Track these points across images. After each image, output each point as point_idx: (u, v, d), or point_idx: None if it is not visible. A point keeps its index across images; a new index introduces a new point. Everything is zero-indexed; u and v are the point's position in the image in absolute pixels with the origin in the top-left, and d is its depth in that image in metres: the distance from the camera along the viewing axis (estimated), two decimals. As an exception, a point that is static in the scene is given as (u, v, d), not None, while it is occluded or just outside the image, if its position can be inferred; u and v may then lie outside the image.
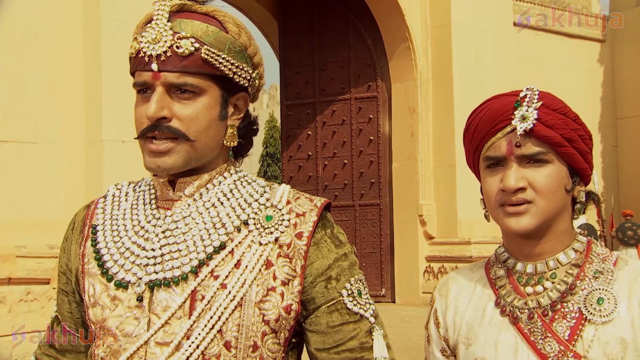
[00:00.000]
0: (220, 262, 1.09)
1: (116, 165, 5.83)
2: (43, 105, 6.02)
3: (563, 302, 1.13)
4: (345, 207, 9.48)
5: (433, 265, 8.95)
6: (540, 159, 1.13)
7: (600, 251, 1.18)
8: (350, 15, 9.51)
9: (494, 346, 1.16)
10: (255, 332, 1.08)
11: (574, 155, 1.14)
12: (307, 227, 1.13)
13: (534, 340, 1.13)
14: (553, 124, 1.12)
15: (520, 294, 1.17)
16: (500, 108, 1.16)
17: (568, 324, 1.12)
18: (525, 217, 1.13)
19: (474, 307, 1.22)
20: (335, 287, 1.13)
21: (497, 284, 1.21)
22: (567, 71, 10.93)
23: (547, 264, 1.16)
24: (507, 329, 1.16)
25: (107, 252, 1.15)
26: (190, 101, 1.10)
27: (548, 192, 1.12)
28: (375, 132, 9.47)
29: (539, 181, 1.12)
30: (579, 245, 1.18)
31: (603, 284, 1.12)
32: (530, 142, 1.12)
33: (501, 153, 1.15)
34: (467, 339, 1.21)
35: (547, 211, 1.13)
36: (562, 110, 1.14)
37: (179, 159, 1.10)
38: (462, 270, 1.32)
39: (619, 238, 10.04)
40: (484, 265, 1.27)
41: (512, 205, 1.13)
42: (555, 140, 1.12)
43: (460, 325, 1.23)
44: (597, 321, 1.10)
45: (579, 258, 1.16)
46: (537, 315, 1.13)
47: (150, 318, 1.08)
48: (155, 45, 1.08)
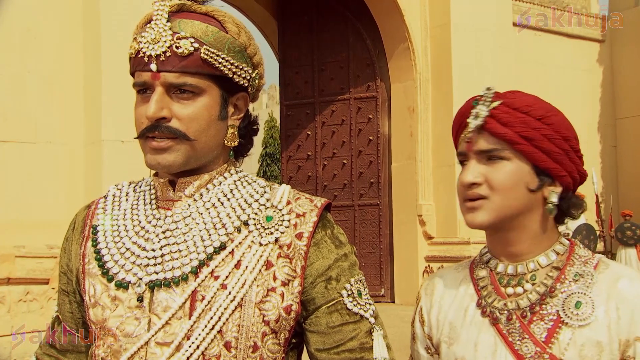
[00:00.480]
0: (221, 262, 1.09)
1: (115, 165, 5.82)
2: (43, 105, 6.02)
3: (542, 304, 1.14)
4: (344, 207, 9.49)
5: (432, 265, 8.95)
6: (495, 156, 1.15)
7: (582, 253, 1.18)
8: (349, 15, 9.51)
9: (473, 346, 1.18)
10: (256, 332, 1.08)
11: (534, 153, 1.14)
12: (307, 227, 1.13)
13: (511, 341, 1.14)
14: (507, 121, 1.14)
15: (501, 295, 1.18)
16: (465, 108, 1.21)
17: (545, 325, 1.13)
18: (480, 212, 1.15)
19: (457, 307, 1.24)
20: (335, 288, 1.13)
21: (480, 285, 1.22)
22: (566, 71, 10.93)
23: (527, 265, 1.18)
24: (487, 330, 1.17)
25: (108, 252, 1.15)
26: (190, 101, 1.10)
27: (503, 189, 1.14)
28: (374, 132, 9.47)
29: (494, 178, 1.14)
30: (560, 247, 1.18)
31: (582, 287, 1.13)
32: (485, 139, 1.15)
33: (463, 150, 1.19)
34: (450, 338, 1.23)
35: (502, 207, 1.14)
36: (523, 109, 1.15)
37: (178, 157, 1.10)
38: (448, 269, 1.34)
39: (618, 238, 10.04)
40: (469, 266, 1.28)
41: (470, 201, 1.16)
42: (508, 137, 1.13)
43: (444, 324, 1.25)
44: (574, 324, 1.11)
45: (560, 260, 1.17)
46: (515, 317, 1.15)
47: (151, 318, 1.08)
48: (155, 46, 1.08)
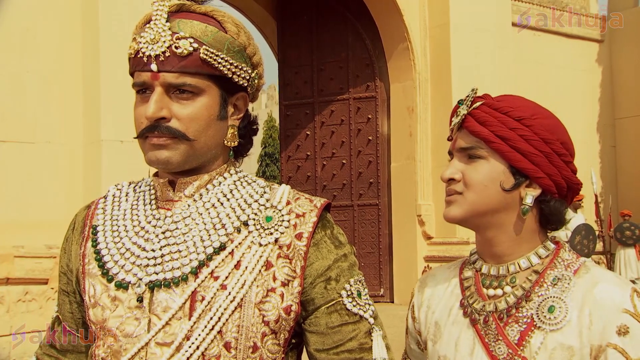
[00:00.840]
0: (220, 263, 1.09)
1: (115, 165, 5.82)
2: (42, 105, 6.02)
3: (518, 307, 1.15)
4: (343, 207, 9.49)
5: (432, 265, 8.95)
6: (473, 154, 1.18)
7: (566, 257, 1.18)
8: (348, 15, 9.51)
9: (454, 345, 1.20)
10: (255, 332, 1.08)
11: (509, 153, 1.16)
12: (306, 227, 1.13)
13: (487, 342, 1.16)
14: (484, 120, 1.17)
15: (482, 297, 1.20)
16: (455, 108, 1.25)
17: (519, 328, 1.14)
18: (453, 207, 1.19)
19: (443, 306, 1.26)
20: (334, 288, 1.13)
21: (465, 285, 1.24)
22: (565, 71, 10.94)
23: (507, 268, 1.19)
24: (468, 330, 1.19)
25: (108, 252, 1.15)
26: (190, 101, 1.10)
27: (475, 186, 1.17)
28: (373, 132, 9.47)
29: (468, 174, 1.18)
30: (543, 251, 1.19)
31: (558, 291, 1.14)
32: (464, 137, 1.19)
33: (450, 148, 1.24)
34: (434, 336, 1.25)
35: (473, 204, 1.17)
36: (503, 110, 1.17)
37: (177, 154, 1.10)
38: (441, 268, 1.36)
39: (617, 238, 10.05)
40: (460, 265, 1.31)
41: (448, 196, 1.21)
42: (482, 135, 1.16)
43: (431, 322, 1.27)
44: (545, 328, 1.12)
45: (542, 264, 1.18)
46: (492, 319, 1.16)
47: (151, 319, 1.08)
48: (154, 46, 1.08)
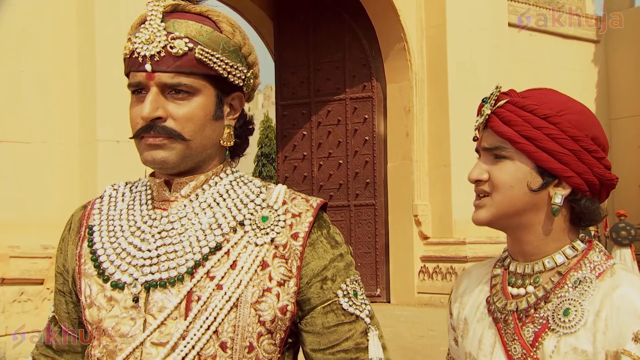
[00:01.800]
0: (216, 263, 1.09)
1: (111, 165, 5.82)
2: (38, 105, 6.00)
3: (537, 308, 1.14)
4: (340, 207, 9.49)
5: (428, 266, 8.96)
6: (498, 154, 1.16)
7: (595, 259, 1.15)
8: (345, 15, 9.52)
9: (478, 342, 1.20)
10: (251, 332, 1.08)
11: (535, 153, 1.13)
12: (303, 227, 1.13)
13: (506, 342, 1.16)
14: (509, 120, 1.14)
15: (506, 295, 1.19)
16: (479, 107, 1.22)
17: (534, 329, 1.13)
18: (482, 209, 1.17)
19: (473, 303, 1.26)
20: (330, 288, 1.13)
21: (493, 283, 1.24)
22: (561, 71, 10.97)
23: (532, 267, 1.17)
24: (491, 327, 1.19)
25: (104, 252, 1.15)
26: (185, 101, 1.10)
27: (502, 187, 1.15)
28: (370, 132, 9.48)
29: (494, 175, 1.16)
30: (570, 251, 1.16)
31: (577, 294, 1.11)
32: (489, 137, 1.17)
33: (477, 147, 1.22)
34: (463, 332, 1.26)
35: (501, 205, 1.15)
36: (528, 108, 1.14)
37: (173, 154, 1.10)
38: (477, 265, 1.35)
39: (613, 238, 10.08)
40: (494, 262, 1.29)
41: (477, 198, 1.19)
42: (507, 136, 1.14)
43: (461, 319, 1.28)
44: (559, 331, 1.10)
45: (567, 264, 1.15)
46: (512, 318, 1.16)
47: (146, 319, 1.08)
48: (149, 46, 1.08)
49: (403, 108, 9.23)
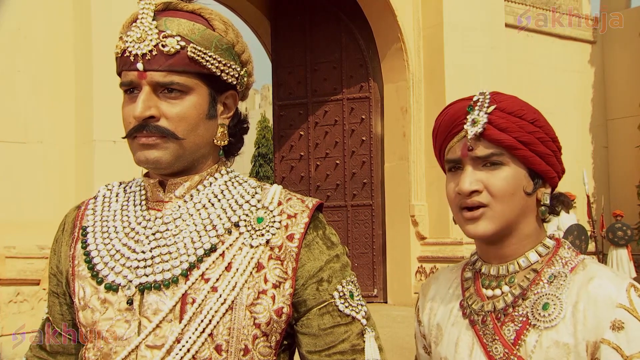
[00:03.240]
0: (211, 264, 1.08)
1: (107, 165, 5.80)
2: (33, 105, 5.98)
3: (515, 307, 1.14)
4: (337, 208, 9.48)
5: (425, 266, 8.97)
6: (494, 162, 1.13)
7: (565, 255, 1.16)
8: (342, 15, 9.51)
9: (454, 346, 1.19)
10: (247, 335, 1.07)
11: (531, 157, 1.13)
12: (298, 228, 1.12)
13: (485, 343, 1.15)
14: (505, 127, 1.12)
15: (481, 297, 1.19)
16: (455, 113, 1.17)
17: (515, 327, 1.13)
18: (482, 222, 1.13)
19: (444, 308, 1.25)
20: (326, 289, 1.12)
21: (465, 286, 1.23)
22: (558, 72, 10.98)
23: (507, 267, 1.17)
24: (467, 331, 1.19)
25: (97, 254, 1.13)
26: (178, 100, 1.08)
27: (504, 195, 1.12)
28: (367, 133, 9.47)
29: (494, 184, 1.12)
30: (542, 249, 1.17)
31: (553, 289, 1.12)
32: (483, 145, 1.13)
33: (457, 156, 1.16)
34: (436, 338, 1.25)
35: (504, 215, 1.13)
36: (517, 113, 1.13)
37: (166, 154, 1.08)
38: (444, 270, 1.35)
39: (609, 238, 10.09)
40: (462, 266, 1.29)
41: (469, 210, 1.14)
42: (507, 143, 1.12)
43: (432, 325, 1.27)
44: (540, 326, 1.10)
45: (540, 262, 1.16)
46: (490, 319, 1.15)
47: (141, 321, 1.07)
48: (141, 44, 1.06)
49: (400, 108, 9.23)
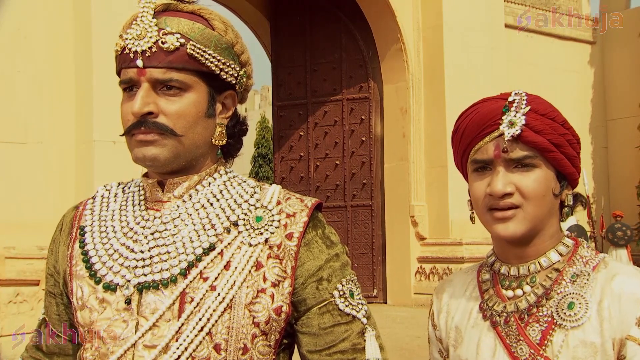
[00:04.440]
0: (210, 263, 1.08)
1: (107, 165, 5.80)
2: (33, 105, 5.99)
3: (539, 307, 1.14)
4: (337, 208, 9.48)
5: (425, 266, 8.96)
6: (527, 164, 1.13)
7: (585, 254, 1.17)
8: (342, 16, 9.52)
9: (475, 348, 1.19)
10: (245, 334, 1.07)
11: (561, 160, 1.14)
12: (297, 227, 1.12)
13: (509, 344, 1.14)
14: (541, 129, 1.12)
15: (502, 298, 1.18)
16: (489, 112, 1.16)
17: (540, 328, 1.13)
18: (513, 222, 1.13)
19: (463, 310, 1.24)
20: (326, 288, 1.11)
21: (483, 288, 1.23)
22: (558, 73, 10.99)
23: (528, 267, 1.17)
24: (488, 332, 1.18)
25: (95, 254, 1.13)
26: (177, 97, 1.08)
27: (536, 197, 1.13)
28: (367, 133, 9.48)
29: (527, 186, 1.13)
30: (563, 248, 1.18)
31: (577, 288, 1.12)
32: (518, 147, 1.13)
33: (489, 157, 1.15)
34: (455, 341, 1.24)
35: (535, 216, 1.13)
36: (550, 115, 1.13)
37: (164, 151, 1.08)
38: (458, 273, 1.34)
39: (609, 239, 10.09)
40: (477, 268, 1.28)
41: (500, 210, 1.13)
42: (543, 145, 1.12)
43: (451, 328, 1.26)
44: (566, 326, 1.10)
45: (561, 262, 1.16)
46: (513, 319, 1.15)
47: (139, 321, 1.07)
48: (140, 41, 1.07)
49: (400, 109, 9.23)
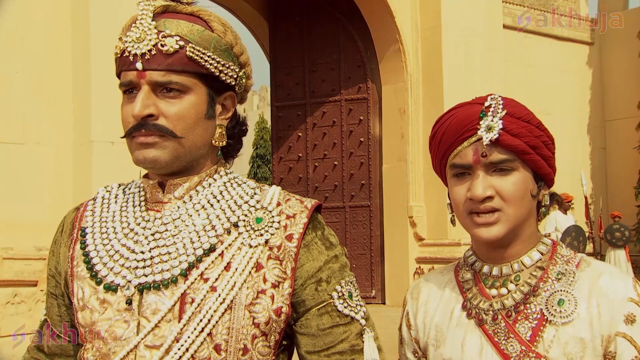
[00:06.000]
0: (210, 264, 1.08)
1: (105, 166, 5.79)
2: (31, 105, 5.98)
3: (526, 304, 1.16)
4: (335, 209, 9.49)
5: (423, 267, 8.97)
6: (506, 167, 1.15)
7: (564, 253, 1.20)
8: (340, 16, 9.52)
9: (460, 347, 1.20)
10: (246, 335, 1.07)
11: (538, 161, 1.16)
12: (297, 229, 1.12)
13: (497, 341, 1.16)
14: (518, 132, 1.14)
15: (486, 297, 1.20)
16: (466, 117, 1.17)
17: (530, 324, 1.14)
18: (496, 226, 1.15)
19: (443, 310, 1.25)
20: (325, 290, 1.12)
21: (465, 287, 1.24)
22: (556, 73, 11.00)
23: (511, 266, 1.19)
24: (473, 331, 1.19)
25: (96, 254, 1.14)
26: (177, 99, 1.09)
27: (515, 199, 1.15)
28: (365, 134, 9.48)
29: (506, 189, 1.14)
30: (543, 247, 1.20)
31: (564, 285, 1.15)
32: (496, 151, 1.14)
33: (467, 161, 1.16)
34: (436, 340, 1.25)
35: (515, 218, 1.16)
36: (525, 118, 1.15)
37: (165, 153, 1.09)
38: (433, 273, 1.36)
39: (607, 239, 10.11)
40: (454, 269, 1.30)
41: (482, 214, 1.15)
42: (520, 148, 1.14)
43: (430, 327, 1.26)
44: (557, 322, 1.12)
45: (543, 260, 1.19)
46: (500, 317, 1.16)
47: (140, 321, 1.07)
48: (140, 44, 1.07)
49: (398, 109, 9.23)
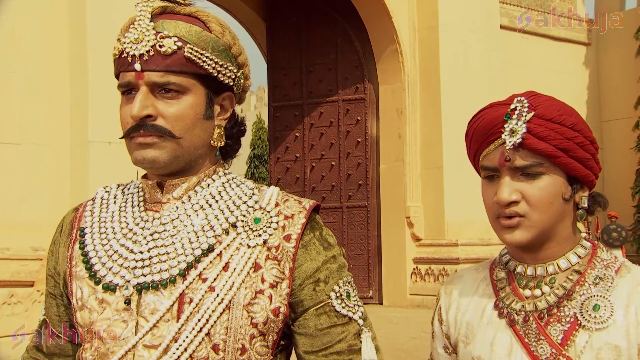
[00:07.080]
0: (209, 264, 1.09)
1: (102, 166, 5.79)
2: (28, 106, 5.97)
3: (559, 307, 1.13)
4: (332, 209, 9.49)
5: (420, 267, 8.98)
6: (533, 172, 1.11)
7: (605, 257, 1.17)
8: (337, 17, 9.53)
9: (489, 346, 1.18)
10: (244, 335, 1.08)
11: (570, 164, 1.12)
12: (295, 229, 1.13)
13: (528, 342, 1.14)
14: (545, 135, 1.10)
15: (519, 297, 1.18)
16: (492, 120, 1.15)
17: (562, 328, 1.12)
18: (518, 231, 1.12)
19: (475, 307, 1.24)
20: (323, 290, 1.12)
21: (498, 286, 1.22)
22: (553, 74, 11.03)
23: (546, 268, 1.16)
24: (504, 330, 1.17)
25: (95, 255, 1.14)
26: (175, 100, 1.10)
27: (541, 205, 1.11)
28: (363, 134, 9.49)
29: (532, 194, 1.11)
30: (581, 250, 1.17)
31: (602, 290, 1.12)
32: (522, 155, 1.11)
33: (494, 164, 1.14)
34: (466, 337, 1.23)
35: (541, 223, 1.12)
36: (556, 119, 1.11)
37: (163, 153, 1.09)
38: (468, 269, 1.33)
39: (604, 240, 10.13)
40: (489, 266, 1.28)
41: (506, 219, 1.13)
42: (547, 152, 1.10)
43: (461, 323, 1.25)
44: (591, 327, 1.10)
45: (581, 264, 1.16)
46: (532, 318, 1.14)
47: (138, 321, 1.08)
48: (138, 45, 1.08)
49: (395, 110, 9.25)
